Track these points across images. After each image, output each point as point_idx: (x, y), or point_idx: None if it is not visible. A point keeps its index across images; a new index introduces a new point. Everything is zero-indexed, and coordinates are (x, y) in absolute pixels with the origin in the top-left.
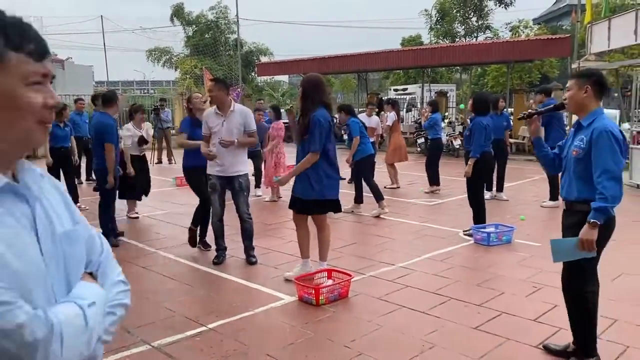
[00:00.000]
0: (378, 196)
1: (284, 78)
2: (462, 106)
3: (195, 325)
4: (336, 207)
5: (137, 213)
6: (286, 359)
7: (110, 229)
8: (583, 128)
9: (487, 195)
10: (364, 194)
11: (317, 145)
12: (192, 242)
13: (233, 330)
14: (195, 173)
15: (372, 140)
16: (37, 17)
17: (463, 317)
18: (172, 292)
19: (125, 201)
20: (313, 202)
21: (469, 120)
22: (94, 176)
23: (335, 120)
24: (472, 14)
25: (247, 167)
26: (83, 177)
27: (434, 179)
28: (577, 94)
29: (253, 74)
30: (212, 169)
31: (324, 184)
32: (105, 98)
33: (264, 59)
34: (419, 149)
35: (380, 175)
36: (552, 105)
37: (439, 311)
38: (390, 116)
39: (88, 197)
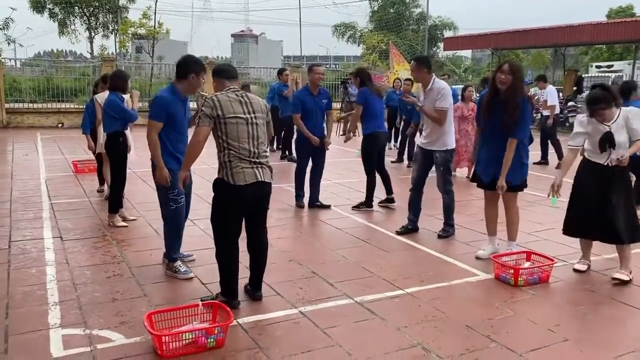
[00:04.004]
0: None
1: (467, 53)
2: None
3: (392, 287)
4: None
5: None
6: (486, 333)
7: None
8: None
9: None
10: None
11: (521, 134)
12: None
13: (430, 297)
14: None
15: (546, 113)
16: None
17: None
18: (367, 254)
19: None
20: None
21: None
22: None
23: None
24: None
25: (446, 144)
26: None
27: None
28: None
29: (435, 48)
30: (418, 140)
31: (517, 171)
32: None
33: (447, 34)
34: None
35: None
36: None
37: None
38: None
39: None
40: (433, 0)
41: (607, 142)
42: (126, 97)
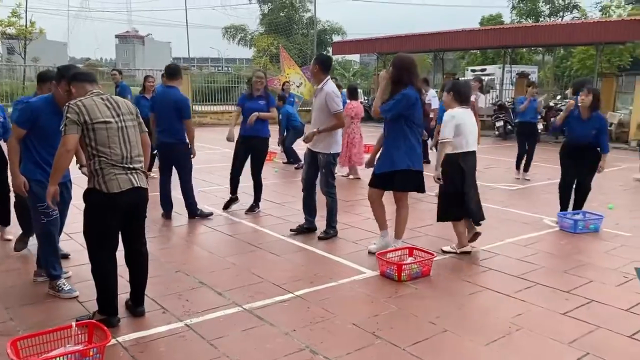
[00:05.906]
0: None
1: (355, 57)
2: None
3: (282, 291)
4: (420, 184)
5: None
6: (372, 329)
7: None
8: None
9: None
10: None
11: (384, 109)
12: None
13: (319, 298)
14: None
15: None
16: None
17: (550, 303)
18: (258, 259)
19: None
20: (399, 173)
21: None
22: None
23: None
24: None
25: (329, 147)
26: None
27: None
28: None
29: (324, 52)
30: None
31: (403, 154)
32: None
33: (336, 38)
34: (497, 132)
35: None
36: None
37: (524, 295)
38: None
39: None
40: (323, 7)
41: None
42: None
